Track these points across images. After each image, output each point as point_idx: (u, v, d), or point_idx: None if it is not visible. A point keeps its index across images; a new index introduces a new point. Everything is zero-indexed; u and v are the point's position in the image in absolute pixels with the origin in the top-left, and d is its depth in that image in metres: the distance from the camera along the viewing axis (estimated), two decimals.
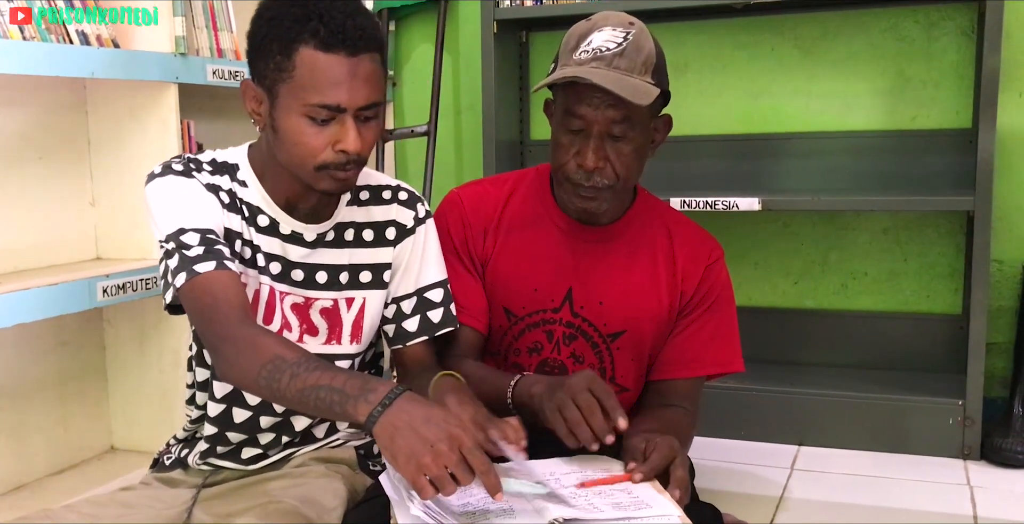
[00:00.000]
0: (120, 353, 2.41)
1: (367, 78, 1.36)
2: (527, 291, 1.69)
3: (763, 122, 2.79)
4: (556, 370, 1.70)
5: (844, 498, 2.13)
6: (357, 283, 1.55)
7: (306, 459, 1.54)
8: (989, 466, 2.32)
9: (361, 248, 1.55)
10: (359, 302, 1.55)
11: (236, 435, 1.53)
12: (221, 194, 1.45)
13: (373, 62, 1.37)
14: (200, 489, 1.53)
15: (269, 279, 1.48)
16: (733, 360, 1.76)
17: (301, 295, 1.51)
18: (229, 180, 1.47)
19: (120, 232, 2.32)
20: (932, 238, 2.68)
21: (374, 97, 1.38)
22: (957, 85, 2.61)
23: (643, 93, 1.51)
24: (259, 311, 1.48)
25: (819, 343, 2.78)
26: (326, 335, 1.53)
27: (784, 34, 2.74)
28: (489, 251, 1.71)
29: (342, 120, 1.37)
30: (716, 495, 2.00)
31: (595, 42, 1.55)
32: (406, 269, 1.58)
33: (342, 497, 1.43)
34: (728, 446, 2.48)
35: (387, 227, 1.57)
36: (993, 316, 2.55)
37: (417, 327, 1.58)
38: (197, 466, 1.56)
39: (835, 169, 2.71)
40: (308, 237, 1.51)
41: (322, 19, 1.33)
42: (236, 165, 1.49)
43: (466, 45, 3.04)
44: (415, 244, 1.58)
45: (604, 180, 1.57)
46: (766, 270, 2.83)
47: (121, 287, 2.07)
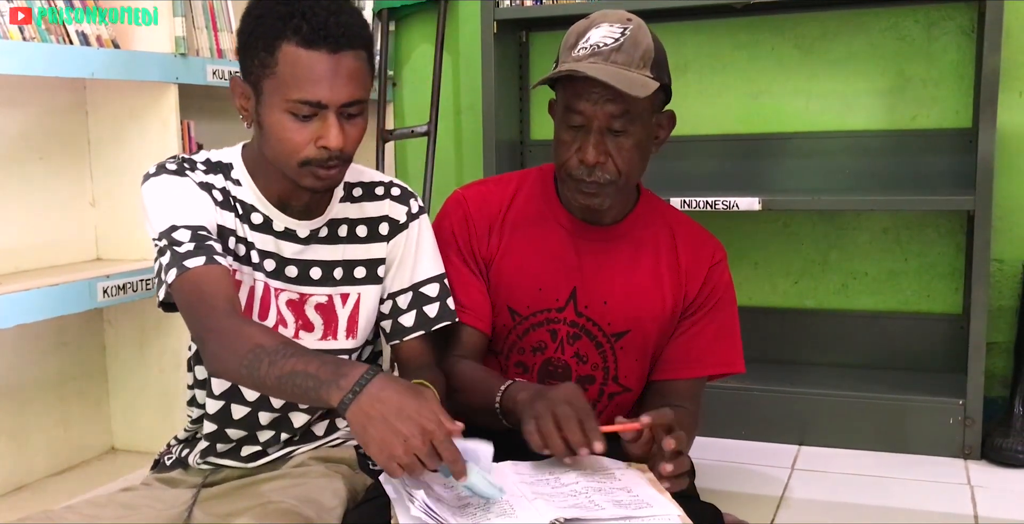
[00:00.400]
0: (120, 354, 2.41)
1: (349, 75, 1.37)
2: (531, 290, 1.70)
3: (763, 122, 2.79)
4: (560, 369, 1.70)
5: (845, 498, 2.13)
6: (351, 279, 1.56)
7: (306, 458, 1.54)
8: (990, 466, 2.32)
9: (355, 244, 1.56)
10: (354, 298, 1.56)
11: (236, 432, 1.54)
12: (214, 192, 1.47)
13: (356, 59, 1.38)
14: (200, 489, 1.53)
15: (263, 276, 1.50)
16: (735, 361, 1.77)
17: (296, 291, 1.52)
18: (223, 179, 1.49)
19: (120, 232, 2.32)
20: (932, 238, 2.68)
21: (357, 94, 1.39)
22: (957, 84, 2.61)
23: (640, 86, 1.51)
24: (254, 307, 1.50)
25: (819, 343, 2.78)
26: (322, 331, 1.54)
27: (784, 34, 2.74)
28: (494, 251, 1.71)
29: (324, 116, 1.38)
30: (717, 495, 2.00)
31: (593, 38, 1.56)
32: (400, 264, 1.59)
33: (341, 497, 1.43)
34: (729, 446, 2.48)
35: (380, 223, 1.58)
36: (993, 316, 2.55)
37: (413, 322, 1.58)
38: (197, 465, 1.56)
39: (835, 169, 2.71)
40: (301, 233, 1.52)
41: (305, 16, 1.35)
42: (230, 164, 1.51)
43: (466, 45, 3.04)
44: (408, 239, 1.59)
45: (606, 175, 1.57)
46: (766, 270, 2.83)
47: (121, 288, 2.07)
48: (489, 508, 1.25)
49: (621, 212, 1.71)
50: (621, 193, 1.64)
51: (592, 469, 1.39)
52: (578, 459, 1.40)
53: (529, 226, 1.72)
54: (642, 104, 1.54)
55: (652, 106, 1.59)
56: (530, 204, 1.73)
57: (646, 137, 1.59)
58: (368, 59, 1.42)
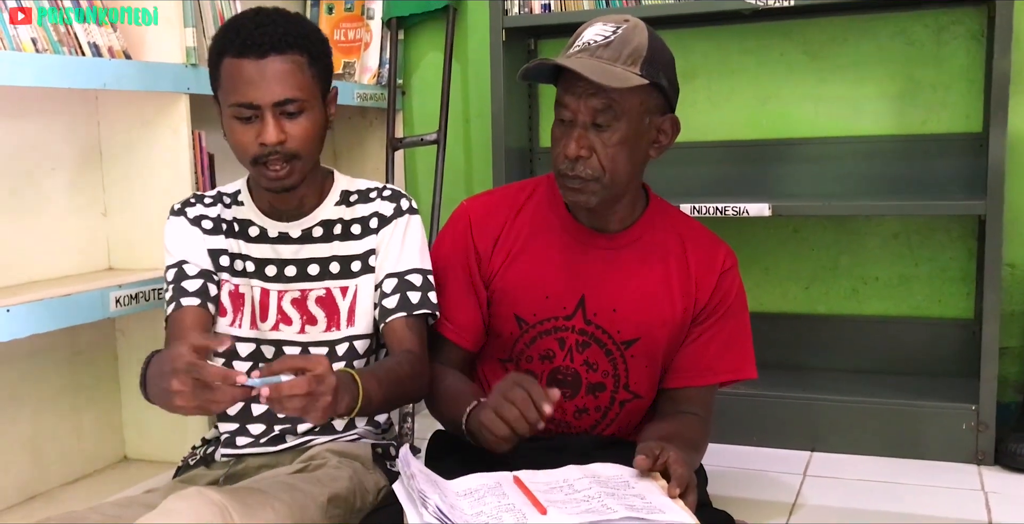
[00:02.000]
0: (133, 363, 2.41)
1: (277, 77, 1.53)
2: (539, 298, 1.69)
3: (772, 127, 2.79)
4: (569, 378, 1.70)
5: (857, 504, 2.12)
6: (349, 272, 1.67)
7: (321, 451, 1.60)
8: (1003, 471, 2.31)
9: (349, 241, 1.68)
10: (352, 290, 1.67)
11: (256, 426, 1.65)
12: (204, 222, 1.70)
13: (285, 62, 1.53)
14: (221, 482, 1.58)
15: (261, 282, 1.67)
16: (746, 367, 1.76)
17: (297, 289, 1.67)
18: (222, 207, 1.71)
19: (132, 242, 2.32)
20: (943, 242, 2.67)
21: (288, 93, 1.53)
22: (967, 89, 2.60)
23: (618, 78, 1.51)
24: (256, 312, 1.67)
25: (830, 348, 2.78)
26: (325, 323, 1.67)
27: (792, 39, 2.74)
28: (498, 262, 1.71)
29: (262, 116, 1.54)
30: (729, 501, 2.00)
31: (586, 36, 1.59)
32: (387, 252, 1.68)
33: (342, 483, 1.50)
34: (741, 452, 2.48)
35: (371, 218, 1.70)
36: (1006, 320, 2.54)
37: (395, 304, 1.65)
38: (221, 459, 1.66)
39: (845, 174, 2.71)
40: (294, 234, 1.68)
41: (238, 31, 1.54)
42: (238, 190, 1.73)
43: (475, 53, 3.05)
44: (395, 229, 1.68)
45: (588, 170, 1.57)
46: (777, 275, 2.83)
47: (134, 297, 2.08)
48: (501, 516, 1.26)
49: (629, 218, 1.71)
50: (608, 192, 1.61)
51: (606, 477, 1.39)
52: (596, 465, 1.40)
53: (536, 234, 1.72)
54: (629, 101, 1.54)
55: (644, 106, 1.57)
56: (538, 212, 1.73)
57: (635, 136, 1.58)
58: (307, 61, 1.56)
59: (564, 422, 1.72)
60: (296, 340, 1.67)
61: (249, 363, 1.67)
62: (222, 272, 1.68)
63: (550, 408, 1.36)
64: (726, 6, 2.54)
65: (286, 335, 1.67)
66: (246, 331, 1.68)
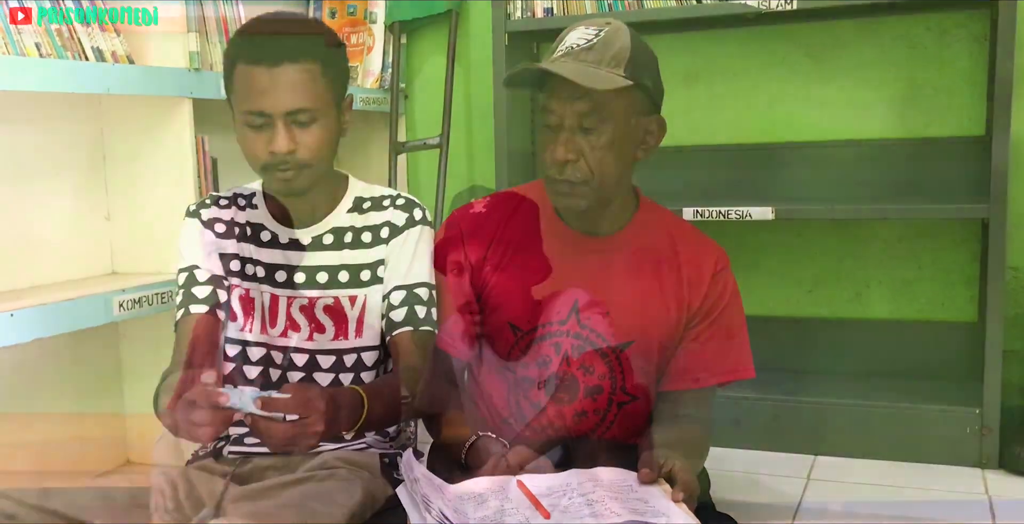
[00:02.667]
0: (136, 367, 2.42)
1: (289, 86, 1.51)
2: (531, 305, 1.69)
3: (775, 131, 2.79)
4: (567, 382, 1.70)
5: (861, 508, 2.12)
6: (358, 281, 1.66)
7: (329, 458, 1.58)
8: (1008, 475, 2.30)
9: (359, 249, 1.67)
10: (361, 299, 1.65)
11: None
12: (217, 225, 1.68)
13: (298, 72, 1.52)
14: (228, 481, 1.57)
15: (271, 287, 1.66)
16: (744, 367, 1.75)
17: (305, 296, 1.65)
18: (236, 210, 1.69)
19: (135, 246, 2.33)
20: (947, 246, 2.67)
21: (299, 103, 1.52)
22: (970, 92, 2.60)
23: (603, 81, 1.51)
24: (265, 317, 1.66)
25: (834, 352, 2.77)
26: (333, 332, 1.65)
27: (795, 43, 2.74)
28: (490, 272, 1.71)
29: (273, 124, 1.52)
30: (732, 505, 1.99)
31: (568, 40, 1.59)
32: (397, 263, 1.66)
33: (356, 498, 1.47)
34: (744, 456, 2.47)
35: (382, 228, 1.68)
36: (1009, 323, 2.53)
37: (403, 317, 1.64)
38: (228, 456, 1.65)
39: (848, 177, 2.71)
40: (304, 241, 1.67)
41: (252, 38, 1.55)
42: (253, 193, 1.71)
43: (477, 57, 3.05)
44: (407, 241, 1.67)
45: (577, 173, 1.56)
46: (780, 279, 2.82)
47: (137, 301, 2.08)
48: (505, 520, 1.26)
49: (620, 221, 1.70)
50: (598, 194, 1.60)
51: (609, 481, 1.39)
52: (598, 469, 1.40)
53: (527, 240, 1.71)
54: (615, 103, 1.54)
55: (630, 108, 1.57)
56: (528, 219, 1.73)
57: (622, 138, 1.57)
58: (321, 70, 1.54)
59: (564, 427, 1.72)
60: (304, 347, 1.66)
61: (259, 368, 1.66)
62: (232, 276, 1.67)
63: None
64: (729, 10, 2.54)
65: (294, 342, 1.66)
66: (256, 336, 1.67)
